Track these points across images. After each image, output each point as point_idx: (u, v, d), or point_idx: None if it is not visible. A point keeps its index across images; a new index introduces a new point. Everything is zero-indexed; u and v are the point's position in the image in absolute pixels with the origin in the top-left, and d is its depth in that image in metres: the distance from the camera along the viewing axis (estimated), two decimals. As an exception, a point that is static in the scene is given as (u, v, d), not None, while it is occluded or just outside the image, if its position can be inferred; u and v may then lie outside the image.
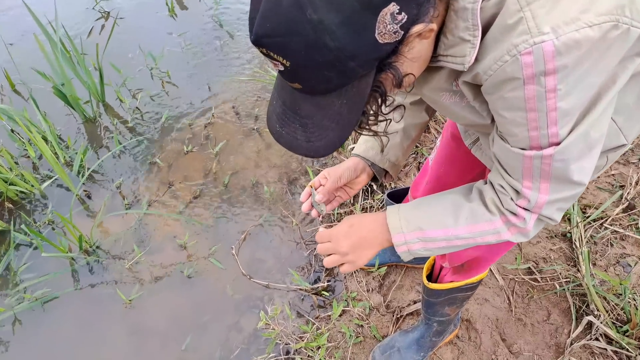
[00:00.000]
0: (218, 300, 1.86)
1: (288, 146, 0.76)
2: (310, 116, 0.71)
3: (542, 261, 1.76)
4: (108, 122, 2.51)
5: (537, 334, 1.60)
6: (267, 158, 2.31)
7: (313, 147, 0.73)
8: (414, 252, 0.90)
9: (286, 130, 0.74)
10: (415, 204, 0.92)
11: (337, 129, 0.71)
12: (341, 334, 1.63)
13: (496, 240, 0.87)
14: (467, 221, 0.84)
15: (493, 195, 0.84)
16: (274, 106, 0.76)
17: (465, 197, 0.89)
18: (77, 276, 1.96)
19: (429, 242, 0.88)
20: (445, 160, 1.29)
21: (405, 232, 0.87)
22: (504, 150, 0.77)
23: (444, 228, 0.86)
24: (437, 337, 1.51)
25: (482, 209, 0.85)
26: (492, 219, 0.83)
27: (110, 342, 1.77)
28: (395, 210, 0.91)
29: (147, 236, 2.05)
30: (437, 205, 0.90)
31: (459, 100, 0.81)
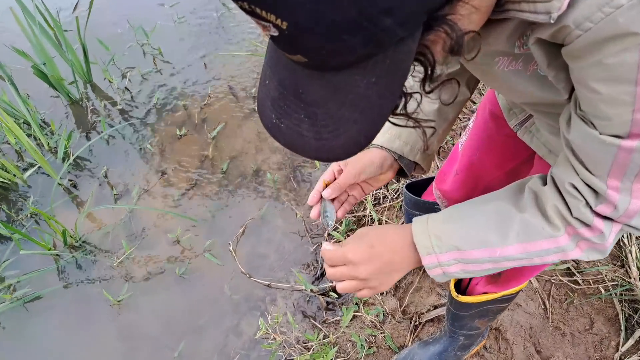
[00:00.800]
0: (215, 302, 1.68)
1: (290, 146, 0.54)
2: (320, 103, 0.49)
3: (584, 261, 1.53)
4: (96, 104, 2.30)
5: (578, 345, 1.39)
6: (269, 142, 2.09)
7: (326, 147, 0.52)
8: (451, 274, 0.71)
9: (286, 123, 0.52)
10: (448, 215, 0.72)
11: (362, 121, 0.50)
12: (351, 344, 1.44)
13: (560, 260, 0.66)
14: (519, 238, 0.65)
15: (557, 201, 0.63)
16: (267, 87, 0.54)
17: (515, 203, 0.68)
18: (62, 274, 1.79)
19: (469, 265, 0.69)
20: (481, 145, 1.06)
21: (438, 252, 0.69)
22: (587, 138, 0.55)
23: (488, 247, 0.66)
24: (463, 351, 1.31)
25: (539, 221, 0.64)
26: (555, 234, 0.63)
27: (97, 347, 1.61)
28: (422, 225, 0.71)
29: (138, 230, 1.87)
30: (477, 217, 0.69)
31: (521, 67, 0.59)
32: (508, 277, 1.04)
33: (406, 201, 1.39)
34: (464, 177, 1.13)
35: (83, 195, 1.99)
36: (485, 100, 1.04)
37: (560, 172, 0.63)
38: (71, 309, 1.70)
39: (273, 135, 0.55)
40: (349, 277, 0.73)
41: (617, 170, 0.55)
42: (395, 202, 1.74)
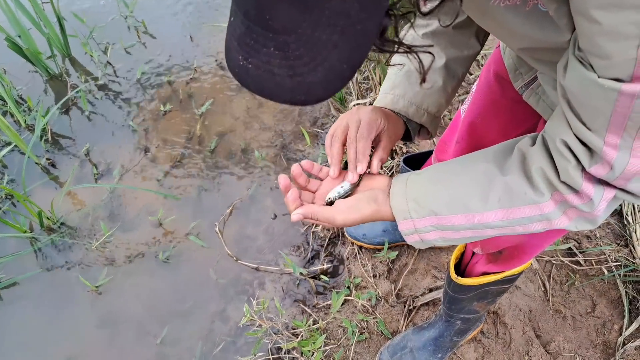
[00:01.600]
0: (200, 286, 1.60)
1: (261, 89, 0.46)
2: (291, 28, 0.41)
3: (586, 240, 1.46)
4: (76, 80, 2.19)
5: (580, 329, 1.33)
6: (258, 119, 1.99)
7: (303, 86, 0.44)
8: (428, 242, 0.66)
9: (254, 63, 0.45)
10: (430, 176, 0.66)
11: (343, 44, 0.42)
12: (342, 329, 1.37)
13: (544, 229, 0.61)
14: (500, 204, 0.60)
15: (544, 163, 0.57)
16: (232, 26, 0.46)
17: (501, 165, 0.61)
18: (38, 258, 1.70)
19: (448, 231, 0.64)
20: (485, 110, 0.97)
21: (415, 217, 0.64)
22: (584, 84, 0.48)
23: (468, 213, 0.61)
24: (459, 336, 1.24)
25: (523, 185, 0.58)
26: (539, 200, 0.58)
27: (75, 334, 1.53)
28: (401, 185, 0.66)
29: (120, 211, 1.78)
30: (459, 179, 0.63)
31: (520, 1, 0.52)
32: (510, 255, 0.96)
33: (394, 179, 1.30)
34: (466, 145, 1.05)
35: (62, 175, 1.89)
36: (490, 62, 0.95)
37: (552, 128, 0.56)
38: (48, 294, 1.62)
39: (241, 81, 0.47)
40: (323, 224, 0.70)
41: (616, 123, 0.47)
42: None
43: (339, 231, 1.63)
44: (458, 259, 1.08)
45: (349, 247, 1.56)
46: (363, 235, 1.51)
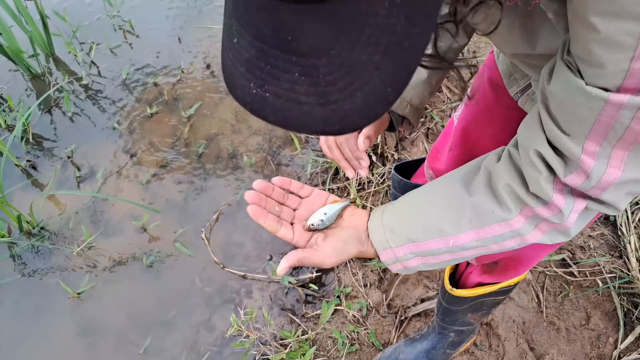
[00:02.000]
0: (185, 294, 1.55)
1: (284, 121, 0.39)
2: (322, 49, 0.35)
3: (580, 250, 1.44)
4: (60, 80, 2.12)
5: (574, 342, 1.30)
6: (246, 123, 1.95)
7: (338, 114, 0.38)
8: (412, 268, 0.67)
9: (273, 91, 0.38)
10: (404, 204, 0.67)
11: (387, 64, 0.36)
12: (332, 340, 1.33)
13: (519, 245, 0.61)
14: (472, 224, 0.60)
15: (510, 179, 0.56)
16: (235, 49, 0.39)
17: (467, 185, 0.61)
18: (17, 263, 1.63)
19: (427, 257, 0.64)
20: (479, 117, 0.95)
21: (394, 246, 0.65)
22: (570, 90, 0.46)
23: (442, 237, 0.62)
24: (452, 348, 1.21)
25: (490, 203, 0.58)
26: (507, 217, 0.58)
27: (54, 343, 1.47)
28: (378, 217, 0.67)
29: (102, 216, 1.71)
30: (432, 204, 0.63)
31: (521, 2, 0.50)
32: (506, 266, 0.94)
33: (394, 184, 1.27)
34: (459, 153, 1.02)
35: (43, 177, 1.83)
36: (483, 67, 0.92)
37: (524, 139, 0.55)
38: (26, 301, 1.56)
39: (255, 112, 0.40)
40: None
41: (597, 131, 0.46)
42: (380, 188, 1.62)
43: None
44: (453, 269, 1.06)
45: (339, 255, 1.52)
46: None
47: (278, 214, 0.69)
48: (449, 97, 1.81)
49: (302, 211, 0.72)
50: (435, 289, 1.41)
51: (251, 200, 0.67)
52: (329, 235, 0.67)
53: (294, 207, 0.72)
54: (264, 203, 0.68)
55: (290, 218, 0.70)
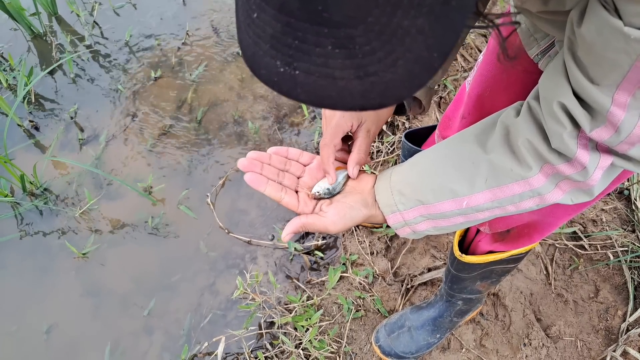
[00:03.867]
0: (189, 258, 1.54)
1: (317, 99, 0.37)
2: (358, 17, 0.32)
3: (591, 224, 1.42)
4: (62, 40, 2.07)
5: (582, 314, 1.29)
6: (252, 88, 1.91)
7: (378, 87, 0.35)
8: (421, 232, 0.64)
9: (304, 67, 0.35)
10: (412, 166, 0.63)
11: (433, 28, 0.33)
12: (337, 306, 1.32)
13: (538, 206, 0.58)
14: (487, 184, 0.57)
15: (530, 134, 0.53)
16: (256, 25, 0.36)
17: (483, 143, 0.57)
18: (21, 223, 1.62)
19: (438, 220, 0.61)
20: (494, 82, 0.90)
21: (402, 209, 0.62)
22: (604, 31, 0.42)
23: (455, 198, 0.58)
24: (459, 317, 1.20)
25: (508, 161, 0.55)
26: (527, 175, 0.55)
27: (59, 302, 1.47)
28: (385, 180, 0.64)
29: (106, 177, 1.69)
30: (443, 165, 0.60)
31: None
32: (519, 234, 0.91)
33: (404, 152, 1.24)
34: (472, 120, 0.98)
35: (45, 139, 1.80)
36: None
37: (547, 90, 0.51)
38: (30, 260, 1.55)
39: (284, 92, 0.37)
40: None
41: (631, 80, 0.42)
42: (389, 157, 1.59)
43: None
44: (462, 235, 1.03)
45: (345, 223, 1.50)
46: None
47: (279, 181, 0.66)
48: (463, 66, 1.76)
49: (306, 179, 0.69)
50: (442, 258, 1.39)
51: (245, 167, 0.64)
52: (334, 201, 0.65)
53: (297, 175, 0.70)
54: (259, 169, 0.65)
55: (294, 185, 0.68)
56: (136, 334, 1.42)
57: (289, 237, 0.63)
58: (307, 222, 0.63)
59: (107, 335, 1.41)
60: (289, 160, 0.70)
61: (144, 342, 1.40)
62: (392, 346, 1.20)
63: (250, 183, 0.63)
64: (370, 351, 1.25)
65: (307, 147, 1.75)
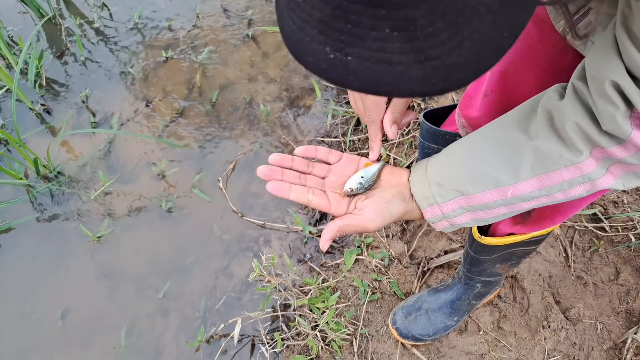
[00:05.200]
0: (203, 241, 1.54)
1: (372, 86, 0.35)
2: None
3: (612, 205, 1.39)
4: (70, 23, 2.05)
5: (602, 296, 1.28)
6: (263, 71, 1.88)
7: (440, 71, 0.33)
8: (460, 225, 0.61)
9: (357, 53, 0.33)
10: (448, 155, 0.60)
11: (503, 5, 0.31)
12: (353, 289, 1.31)
13: (588, 192, 0.55)
14: (534, 171, 0.54)
15: (578, 116, 0.49)
16: (302, 10, 0.33)
17: (525, 129, 0.54)
18: (35, 206, 1.62)
19: (479, 211, 0.59)
20: (518, 58, 0.87)
21: (441, 202, 0.59)
22: None
23: (499, 187, 0.56)
24: (477, 299, 1.19)
25: (556, 146, 0.52)
26: (577, 160, 0.52)
27: (74, 285, 1.48)
28: (421, 172, 0.61)
29: (119, 161, 1.69)
30: (482, 153, 0.57)
31: None
32: (540, 215, 0.89)
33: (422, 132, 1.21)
34: (496, 99, 0.94)
35: (58, 122, 1.79)
36: None
37: (596, 69, 0.47)
38: (45, 243, 1.55)
39: (334, 80, 0.35)
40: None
41: None
42: (405, 139, 1.56)
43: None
44: None
45: (359, 206, 1.49)
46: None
47: (302, 183, 0.63)
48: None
49: (332, 178, 0.66)
50: (459, 241, 1.37)
51: (266, 176, 0.62)
52: (370, 197, 0.62)
53: (322, 176, 0.67)
54: (280, 175, 0.63)
55: (319, 187, 0.65)
56: (152, 316, 1.42)
57: (327, 245, 0.60)
58: (343, 224, 0.60)
59: (123, 318, 1.42)
60: (312, 162, 0.68)
61: (159, 324, 1.41)
62: (410, 328, 1.20)
63: (273, 192, 0.61)
64: (387, 333, 1.24)
65: (320, 130, 1.72)
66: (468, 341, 1.23)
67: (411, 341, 1.21)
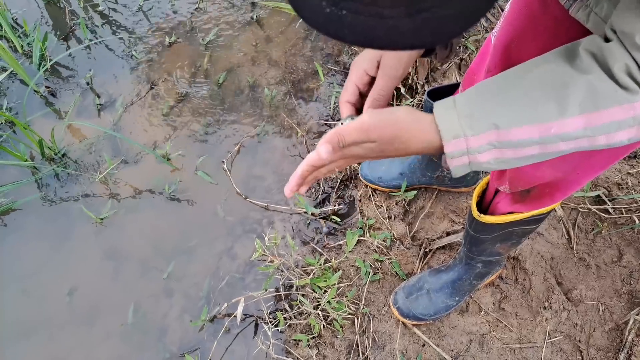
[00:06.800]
0: (207, 223, 1.55)
1: (366, 39, 0.36)
2: None
3: (616, 187, 1.38)
4: (75, 6, 2.05)
5: (604, 278, 1.27)
6: (267, 54, 1.87)
7: (431, 24, 0.34)
8: (478, 164, 0.55)
9: (351, 7, 0.34)
10: (483, 88, 0.55)
11: None
12: (355, 269, 1.32)
13: (630, 140, 0.52)
14: (582, 108, 0.50)
15: (628, 59, 0.48)
16: None
17: (573, 65, 0.51)
18: (40, 187, 1.64)
19: (508, 150, 0.53)
20: (522, 32, 0.85)
21: (470, 135, 0.53)
22: None
23: (541, 122, 0.51)
24: (479, 279, 1.19)
25: (608, 83, 0.49)
26: (632, 98, 0.49)
27: (79, 265, 1.50)
28: (448, 104, 0.55)
29: (124, 144, 1.69)
30: (522, 85, 0.53)
31: None
32: (540, 194, 0.88)
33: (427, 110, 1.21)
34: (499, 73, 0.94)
35: (62, 105, 1.80)
36: None
37: (626, 24, 0.47)
38: (50, 224, 1.57)
39: (330, 33, 0.36)
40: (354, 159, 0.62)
41: None
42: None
43: (351, 173, 1.55)
44: (480, 196, 1.01)
45: (362, 189, 1.49)
46: (379, 178, 1.44)
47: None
48: (485, 26, 1.70)
49: None
50: (461, 223, 1.37)
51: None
52: None
53: None
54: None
55: None
56: (156, 296, 1.44)
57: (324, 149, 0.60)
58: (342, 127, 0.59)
59: (128, 298, 1.43)
60: None
61: (164, 304, 1.43)
62: (411, 308, 1.20)
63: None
64: (389, 313, 1.25)
65: (324, 113, 1.72)
66: (469, 321, 1.24)
67: (412, 321, 1.22)
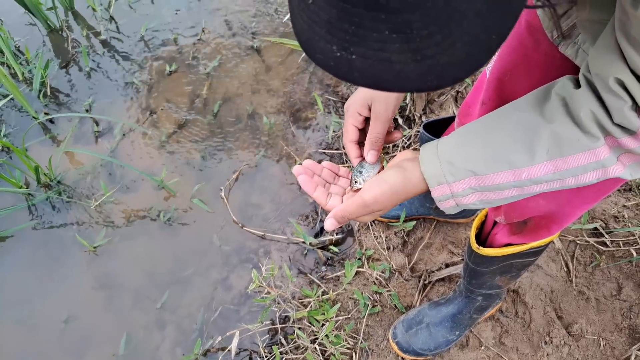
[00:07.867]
0: (203, 252, 1.53)
1: (374, 82, 0.38)
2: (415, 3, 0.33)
3: (613, 220, 1.38)
4: (77, 34, 2.08)
5: (604, 312, 1.26)
6: (266, 83, 1.90)
7: (435, 69, 0.36)
8: (464, 206, 0.61)
9: (361, 52, 0.36)
10: (461, 135, 0.60)
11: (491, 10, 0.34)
12: (353, 301, 1.30)
13: (598, 179, 0.56)
14: (549, 155, 0.55)
15: (593, 105, 0.51)
16: (311, 10, 0.37)
17: (541, 113, 0.55)
18: (34, 214, 1.62)
19: (489, 192, 0.59)
20: (514, 66, 0.88)
21: (452, 181, 0.59)
22: None
23: (513, 169, 0.56)
24: (479, 313, 1.17)
25: (573, 131, 0.53)
26: (594, 145, 0.53)
27: (71, 294, 1.47)
28: (432, 150, 0.60)
29: (120, 171, 1.69)
30: (496, 134, 0.57)
31: None
32: (536, 225, 0.89)
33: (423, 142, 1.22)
34: (493, 107, 0.95)
35: (61, 131, 1.80)
36: None
37: (601, 67, 0.50)
38: (43, 252, 1.55)
39: (340, 76, 0.39)
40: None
41: None
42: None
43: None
44: (478, 229, 1.01)
45: (360, 219, 1.48)
46: (377, 208, 1.44)
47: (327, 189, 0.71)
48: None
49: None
50: (460, 254, 1.37)
51: (298, 172, 0.69)
52: None
53: (345, 187, 0.74)
54: (311, 176, 0.70)
55: (340, 194, 0.71)
56: (149, 327, 1.41)
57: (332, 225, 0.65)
58: (344, 204, 0.64)
59: (120, 328, 1.40)
60: (337, 176, 0.75)
61: (156, 336, 1.39)
62: (410, 343, 1.18)
63: (302, 184, 0.68)
64: (388, 347, 1.23)
65: (322, 142, 1.73)
66: (469, 356, 1.21)
67: (412, 356, 1.19)
